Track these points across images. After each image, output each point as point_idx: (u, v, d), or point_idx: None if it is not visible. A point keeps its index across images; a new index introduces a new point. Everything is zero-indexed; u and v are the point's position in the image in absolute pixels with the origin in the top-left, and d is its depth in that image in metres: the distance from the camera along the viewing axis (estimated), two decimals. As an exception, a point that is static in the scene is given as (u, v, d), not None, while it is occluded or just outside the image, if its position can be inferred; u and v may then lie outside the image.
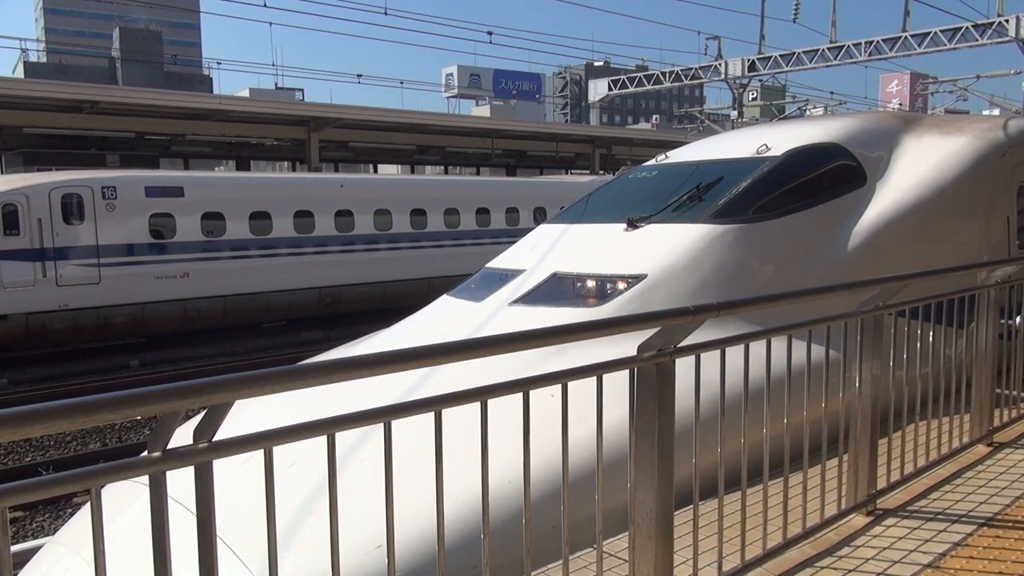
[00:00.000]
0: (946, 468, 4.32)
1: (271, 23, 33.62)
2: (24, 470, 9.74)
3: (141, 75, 78.44)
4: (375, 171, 34.16)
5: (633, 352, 2.67)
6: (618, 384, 2.65)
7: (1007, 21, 21.26)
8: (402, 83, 75.66)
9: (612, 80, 31.91)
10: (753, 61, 26.43)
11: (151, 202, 16.29)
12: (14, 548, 6.82)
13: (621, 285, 5.20)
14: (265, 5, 24.13)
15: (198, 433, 1.85)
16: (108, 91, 21.61)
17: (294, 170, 30.26)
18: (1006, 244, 6.78)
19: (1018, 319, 5.06)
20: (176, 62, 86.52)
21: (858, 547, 3.41)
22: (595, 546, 2.67)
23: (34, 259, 14.89)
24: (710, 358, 2.87)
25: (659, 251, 5.40)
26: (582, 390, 2.52)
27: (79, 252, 15.36)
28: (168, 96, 22.55)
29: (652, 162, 7.27)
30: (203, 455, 1.83)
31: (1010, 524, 3.63)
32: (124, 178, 16.33)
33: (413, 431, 2.35)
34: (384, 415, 2.09)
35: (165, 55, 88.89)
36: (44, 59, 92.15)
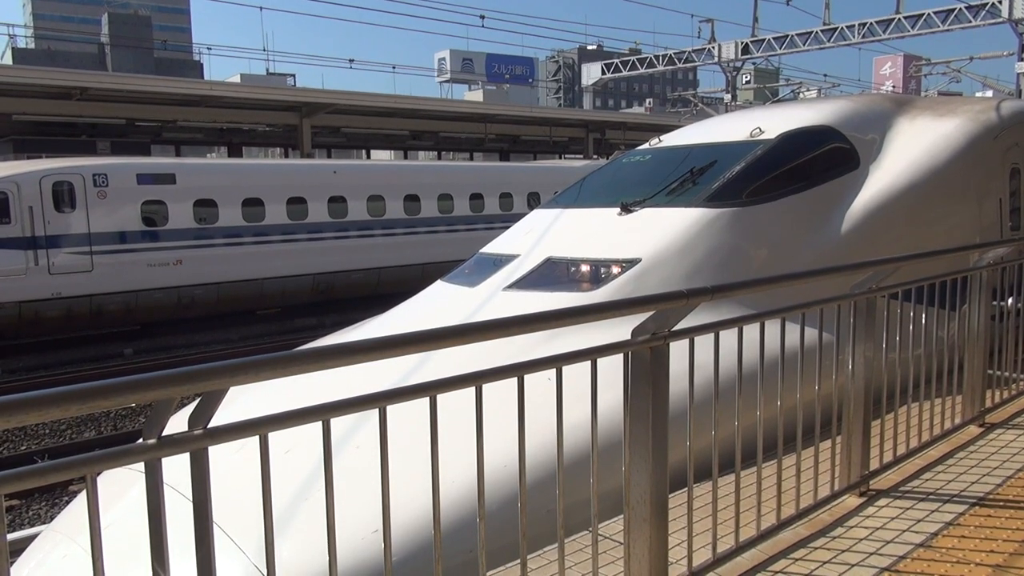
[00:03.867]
0: (938, 449, 4.35)
1: (261, 8, 33.35)
2: (19, 458, 9.75)
3: (131, 61, 77.69)
4: (368, 157, 34.01)
5: (627, 336, 2.68)
6: (613, 368, 2.66)
7: (1000, 2, 21.22)
8: (394, 68, 75.06)
9: (605, 64, 31.80)
10: (746, 44, 26.35)
11: (143, 189, 16.20)
12: (10, 536, 6.83)
13: (615, 269, 5.21)
14: (255, -11, 23.91)
15: (193, 420, 1.85)
16: (98, 77, 21.39)
17: (286, 156, 30.12)
18: (998, 226, 6.80)
19: (1010, 301, 5.09)
20: (166, 48, 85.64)
21: (851, 527, 3.44)
22: (590, 529, 2.69)
23: (26, 247, 14.80)
24: (704, 341, 2.88)
25: (653, 235, 5.40)
26: (577, 374, 2.52)
27: (71, 240, 15.28)
28: (159, 82, 22.35)
29: (646, 146, 7.26)
30: (198, 442, 1.83)
31: (1001, 504, 3.66)
32: (115, 165, 16.23)
33: (408, 416, 2.35)
34: (379, 400, 2.09)
35: (155, 41, 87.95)
36: (32, 45, 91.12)
